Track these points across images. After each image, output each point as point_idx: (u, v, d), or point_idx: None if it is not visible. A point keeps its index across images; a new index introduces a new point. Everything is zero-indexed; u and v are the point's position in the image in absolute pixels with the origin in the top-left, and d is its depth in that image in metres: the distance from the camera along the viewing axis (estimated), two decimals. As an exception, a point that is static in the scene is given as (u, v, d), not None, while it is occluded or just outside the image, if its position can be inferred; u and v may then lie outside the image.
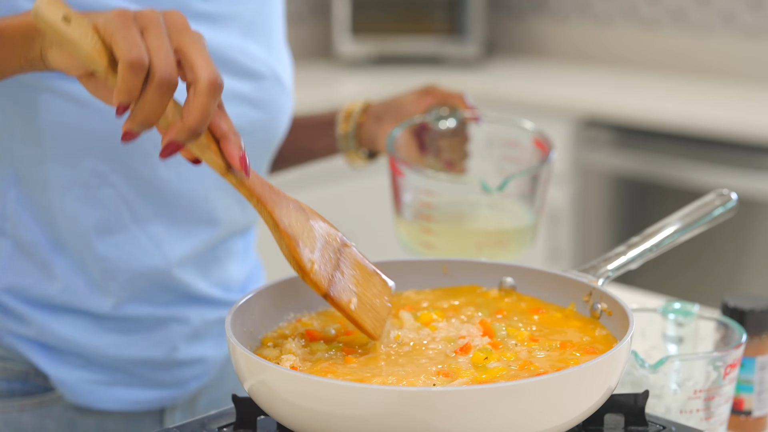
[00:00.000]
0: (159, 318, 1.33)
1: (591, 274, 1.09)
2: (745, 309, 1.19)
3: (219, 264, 1.37)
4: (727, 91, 3.52)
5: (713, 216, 1.17)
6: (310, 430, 0.89)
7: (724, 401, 1.11)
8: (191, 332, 1.36)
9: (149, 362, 1.34)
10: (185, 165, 1.26)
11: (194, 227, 1.31)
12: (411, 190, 1.39)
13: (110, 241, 1.26)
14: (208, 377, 1.41)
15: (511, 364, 0.95)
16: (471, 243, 1.38)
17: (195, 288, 1.33)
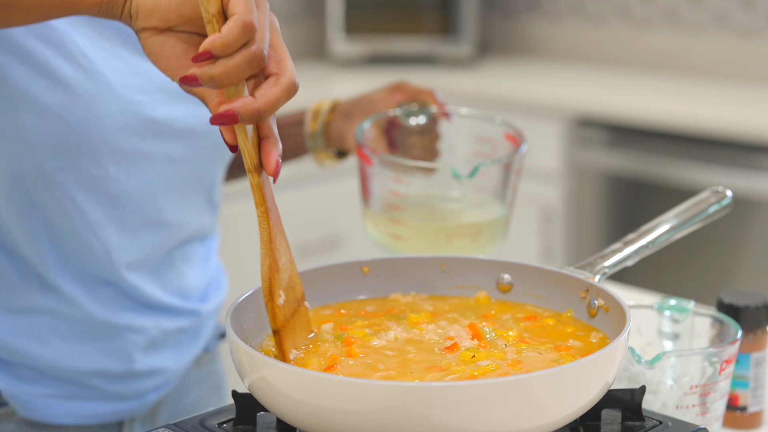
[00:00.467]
0: (113, 326, 1.28)
1: (588, 270, 1.09)
2: (740, 305, 1.20)
3: (175, 270, 1.33)
4: (720, 91, 3.53)
5: (708, 213, 1.18)
6: (311, 425, 0.89)
7: (719, 397, 1.11)
8: (148, 342, 1.31)
9: (104, 374, 1.29)
10: (135, 164, 1.22)
11: (144, 230, 1.26)
12: (380, 180, 1.36)
13: (60, 242, 1.22)
14: (168, 388, 1.37)
15: (499, 362, 0.95)
16: (442, 235, 1.35)
17: (149, 295, 1.29)
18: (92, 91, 1.17)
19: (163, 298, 1.31)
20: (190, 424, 1.01)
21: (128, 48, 1.21)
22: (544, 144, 3.42)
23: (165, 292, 1.32)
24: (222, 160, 1.35)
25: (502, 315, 1.09)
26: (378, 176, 1.36)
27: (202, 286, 1.39)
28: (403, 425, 0.85)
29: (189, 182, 1.30)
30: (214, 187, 1.36)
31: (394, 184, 1.36)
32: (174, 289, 1.33)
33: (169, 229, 1.29)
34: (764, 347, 1.21)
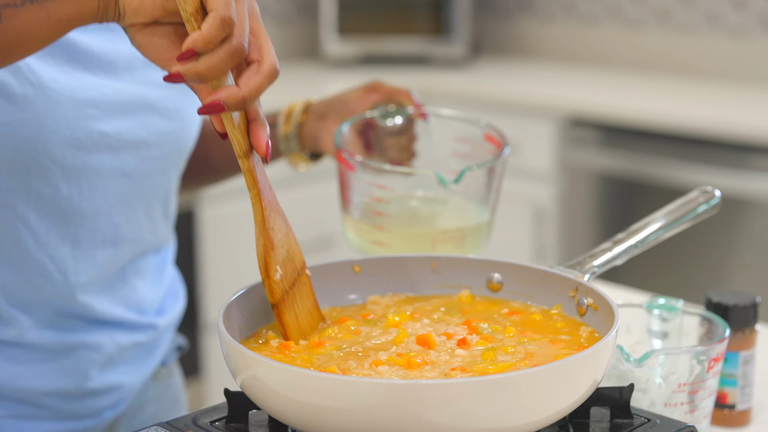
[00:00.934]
0: (68, 345, 1.25)
1: (577, 269, 1.10)
2: (729, 304, 1.20)
3: (128, 285, 1.30)
4: (711, 91, 3.54)
5: (697, 213, 1.19)
6: (302, 423, 0.90)
7: (707, 395, 1.12)
8: (104, 359, 1.28)
9: (60, 393, 1.26)
10: (87, 181, 1.20)
11: (99, 248, 1.24)
12: (361, 186, 1.34)
13: (10, 268, 1.19)
14: (125, 405, 1.34)
15: (513, 356, 0.97)
16: (426, 241, 1.33)
17: (104, 312, 1.26)
18: (40, 107, 1.14)
19: (118, 314, 1.28)
20: (183, 422, 1.02)
21: (74, 65, 1.19)
22: (536, 144, 3.43)
23: (120, 308, 1.29)
24: (175, 170, 1.32)
25: (491, 312, 1.10)
26: (359, 182, 1.33)
27: (158, 298, 1.36)
28: (393, 422, 0.86)
29: (143, 195, 1.27)
30: (169, 199, 1.34)
31: (375, 190, 1.34)
32: (129, 304, 1.30)
33: (124, 244, 1.26)
34: (752, 346, 1.22)
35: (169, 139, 1.27)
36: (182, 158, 1.33)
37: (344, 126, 1.37)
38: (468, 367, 0.95)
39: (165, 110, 1.26)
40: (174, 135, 1.28)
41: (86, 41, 1.19)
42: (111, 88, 1.21)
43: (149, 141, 1.25)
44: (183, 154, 1.32)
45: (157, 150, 1.26)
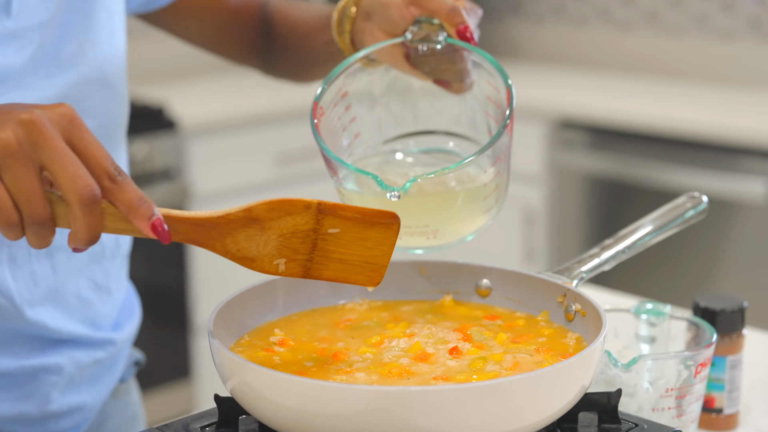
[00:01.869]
0: (27, 370, 1.22)
1: (565, 275, 1.11)
2: (716, 309, 1.21)
3: (80, 299, 1.26)
4: (700, 93, 3.55)
5: (685, 218, 1.20)
6: (292, 428, 0.90)
7: (695, 399, 1.13)
8: (65, 381, 1.26)
9: (22, 418, 1.24)
10: None
11: (35, 263, 1.20)
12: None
13: None
14: (87, 425, 1.32)
15: (500, 365, 0.98)
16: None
17: (58, 329, 1.23)
18: None
19: (74, 330, 1.26)
20: (174, 428, 1.02)
21: None
22: (525, 146, 3.44)
23: (74, 324, 1.26)
24: (120, 133, 1.28)
25: (473, 318, 1.11)
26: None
27: (113, 312, 1.32)
28: (383, 428, 0.87)
29: None
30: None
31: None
32: (84, 320, 1.27)
33: (59, 254, 1.23)
34: (740, 350, 1.22)
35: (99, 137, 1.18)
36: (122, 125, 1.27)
37: (318, 90, 1.17)
38: (451, 377, 0.96)
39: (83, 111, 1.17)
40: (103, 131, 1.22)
41: None
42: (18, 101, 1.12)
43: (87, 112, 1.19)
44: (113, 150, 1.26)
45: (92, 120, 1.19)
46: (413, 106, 1.23)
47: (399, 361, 0.99)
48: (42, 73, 1.17)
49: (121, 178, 0.88)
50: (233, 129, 3.22)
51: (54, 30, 1.17)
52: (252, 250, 0.96)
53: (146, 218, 0.88)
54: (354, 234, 0.98)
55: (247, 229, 0.95)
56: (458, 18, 1.15)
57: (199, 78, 3.72)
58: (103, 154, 0.88)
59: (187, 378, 3.19)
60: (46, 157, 0.86)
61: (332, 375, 0.97)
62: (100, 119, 1.22)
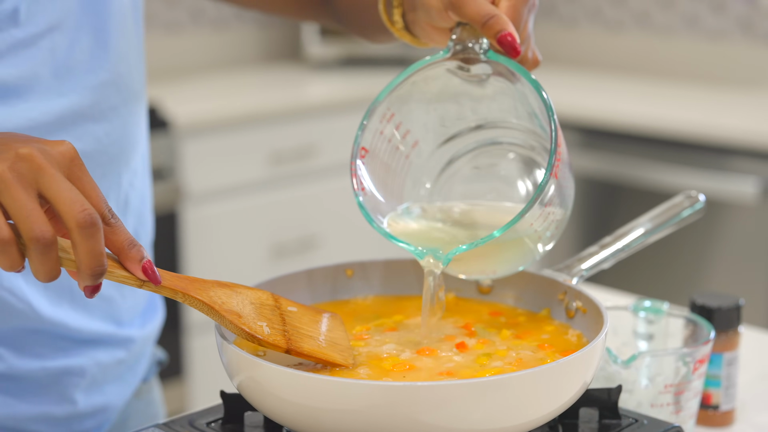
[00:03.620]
0: (50, 372, 1.23)
1: (565, 273, 1.12)
2: (713, 307, 1.22)
3: (100, 298, 1.25)
4: (690, 93, 3.57)
5: (682, 217, 1.21)
6: (298, 424, 0.91)
7: (693, 395, 1.14)
8: (88, 382, 1.26)
9: (48, 419, 1.24)
10: None
11: None
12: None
13: None
14: (110, 425, 1.33)
15: (504, 360, 0.99)
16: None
17: (79, 328, 1.24)
18: None
19: (94, 329, 1.26)
20: (179, 423, 1.03)
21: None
22: (517, 146, 3.45)
23: (95, 322, 1.26)
24: (128, 172, 1.27)
25: (477, 314, 1.13)
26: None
27: (136, 309, 1.33)
28: (388, 423, 0.88)
29: None
30: (128, 203, 1.28)
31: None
32: (105, 317, 1.27)
33: None
34: (736, 347, 1.24)
35: (110, 141, 1.22)
36: (133, 157, 1.27)
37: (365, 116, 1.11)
38: (457, 372, 0.97)
39: (98, 114, 1.20)
40: (114, 137, 1.23)
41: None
42: (35, 111, 1.15)
43: (88, 152, 1.19)
44: (132, 154, 1.27)
45: (102, 157, 1.21)
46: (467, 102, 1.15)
47: (401, 356, 1.00)
48: (55, 80, 1.16)
49: (114, 221, 0.89)
50: (226, 128, 3.23)
51: (64, 34, 1.16)
52: (235, 306, 0.97)
53: (137, 261, 0.90)
54: (308, 316, 1.02)
55: (224, 289, 0.97)
56: (496, 27, 1.03)
57: (192, 77, 3.73)
58: (99, 196, 0.88)
59: (180, 377, 3.20)
60: (45, 183, 0.85)
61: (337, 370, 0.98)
62: (116, 122, 1.22)
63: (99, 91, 1.19)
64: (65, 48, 1.16)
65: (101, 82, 1.20)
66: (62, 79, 1.16)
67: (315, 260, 3.39)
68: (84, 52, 1.18)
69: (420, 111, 1.13)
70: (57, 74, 1.16)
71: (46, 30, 1.14)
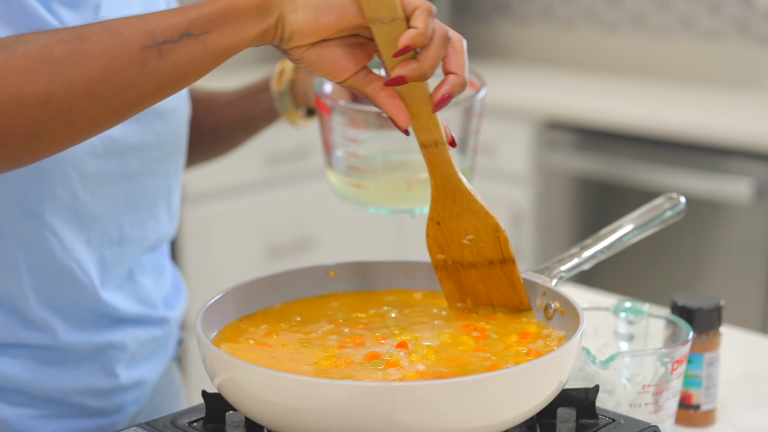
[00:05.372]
0: (96, 345, 1.29)
1: (545, 274, 1.13)
2: (693, 308, 1.24)
3: (137, 281, 1.34)
4: (686, 94, 3.58)
5: (663, 218, 1.22)
6: (277, 423, 0.93)
7: (671, 395, 1.15)
8: (129, 356, 1.33)
9: (91, 391, 1.31)
10: (98, 185, 1.23)
11: (105, 248, 1.27)
12: (339, 131, 1.33)
13: (41, 275, 1.23)
14: (145, 399, 1.39)
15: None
16: (402, 185, 1.34)
17: (123, 309, 1.31)
18: None
19: (135, 311, 1.33)
20: (162, 423, 1.05)
21: None
22: (512, 146, 3.46)
23: (135, 304, 1.33)
24: (175, 169, 1.36)
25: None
26: (337, 126, 1.33)
27: (164, 293, 1.40)
28: (365, 423, 0.89)
29: (146, 196, 1.31)
30: (171, 197, 1.38)
31: (354, 136, 1.34)
32: (141, 300, 1.34)
33: (130, 243, 1.30)
34: (716, 348, 1.25)
35: (167, 139, 1.31)
36: (180, 155, 1.36)
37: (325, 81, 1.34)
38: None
39: (163, 112, 1.29)
40: (171, 135, 1.32)
41: None
42: None
43: (149, 143, 1.28)
44: (181, 151, 1.36)
45: (157, 151, 1.30)
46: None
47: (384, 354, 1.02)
48: None
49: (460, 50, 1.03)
50: (222, 129, 3.24)
51: None
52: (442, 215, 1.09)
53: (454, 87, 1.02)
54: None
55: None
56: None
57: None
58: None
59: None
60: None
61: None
62: (171, 122, 1.31)
63: None
64: None
65: None
66: None
67: (310, 261, 3.40)
68: None
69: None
70: None
71: None
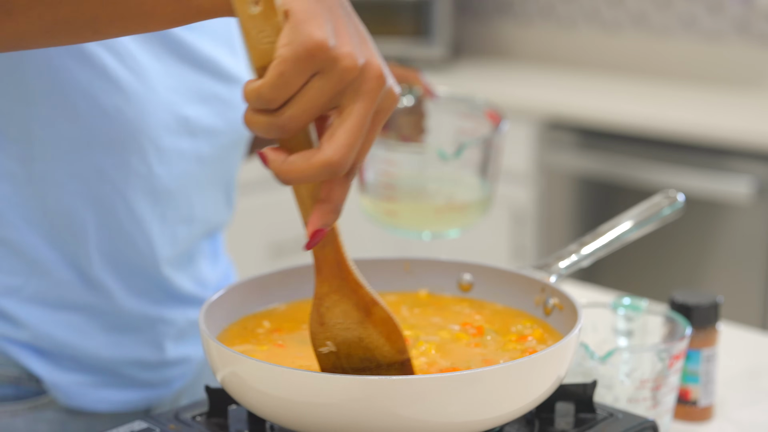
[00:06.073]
0: (148, 318, 1.34)
1: (545, 271, 1.14)
2: (691, 304, 1.25)
3: (196, 263, 1.39)
4: (687, 94, 3.59)
5: (661, 216, 1.23)
6: (279, 417, 0.94)
7: (669, 391, 1.17)
8: (177, 332, 1.37)
9: (139, 362, 1.35)
10: (173, 162, 1.28)
11: (179, 225, 1.32)
12: (374, 163, 1.43)
13: (106, 238, 1.27)
14: (191, 376, 1.42)
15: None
16: (430, 211, 1.46)
17: (179, 287, 1.36)
18: (140, 91, 1.23)
19: (189, 290, 1.37)
20: (165, 417, 1.06)
21: (167, 53, 1.28)
22: (515, 146, 3.47)
23: (190, 283, 1.38)
24: (240, 158, 1.42)
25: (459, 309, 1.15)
26: (372, 159, 1.42)
27: (218, 277, 1.45)
28: (366, 416, 0.90)
29: (213, 179, 1.37)
30: (231, 185, 1.43)
31: (386, 166, 1.43)
32: (197, 281, 1.40)
33: (197, 224, 1.36)
34: (714, 344, 1.26)
35: (236, 127, 1.35)
36: (243, 148, 1.41)
37: None
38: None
39: (231, 101, 1.34)
40: (240, 124, 1.34)
41: (177, 31, 1.29)
42: (189, 77, 1.30)
43: (220, 128, 1.33)
44: (243, 145, 1.41)
45: (226, 137, 1.34)
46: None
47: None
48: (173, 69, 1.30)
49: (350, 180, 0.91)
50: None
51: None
52: (331, 318, 0.98)
53: (321, 223, 0.94)
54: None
55: (348, 305, 0.98)
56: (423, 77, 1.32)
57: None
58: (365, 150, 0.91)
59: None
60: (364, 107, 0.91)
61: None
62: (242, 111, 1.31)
63: (232, 85, 1.36)
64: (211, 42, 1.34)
65: (234, 76, 1.36)
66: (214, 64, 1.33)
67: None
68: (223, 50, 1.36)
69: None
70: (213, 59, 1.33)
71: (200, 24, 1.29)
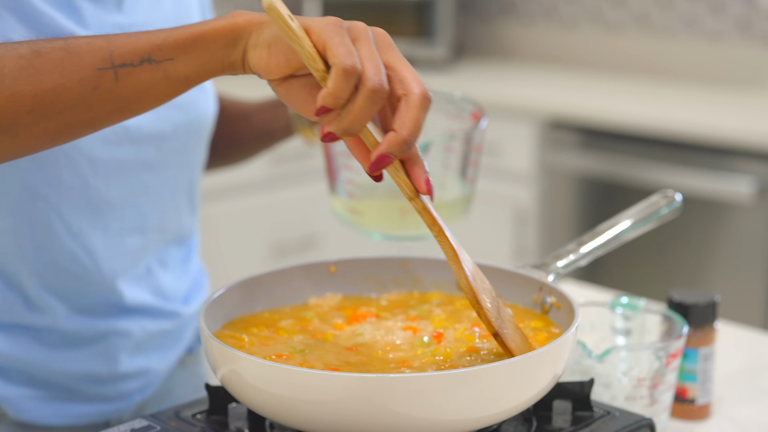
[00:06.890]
0: (99, 331, 1.30)
1: (543, 270, 1.15)
2: (689, 303, 1.26)
3: (154, 274, 1.35)
4: (689, 94, 3.59)
5: (659, 215, 1.24)
6: (278, 415, 0.95)
7: (666, 389, 1.17)
8: (134, 345, 1.33)
9: (91, 377, 1.32)
10: (113, 172, 1.25)
11: (127, 235, 1.29)
12: (341, 160, 1.37)
13: (47, 257, 1.24)
14: (153, 389, 1.39)
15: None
16: (394, 211, 1.37)
17: (133, 299, 1.31)
18: None
19: (147, 301, 1.33)
20: (166, 415, 1.07)
21: None
22: (517, 145, 3.48)
23: (147, 295, 1.34)
24: (197, 160, 1.37)
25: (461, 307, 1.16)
26: (340, 155, 1.36)
27: (183, 288, 1.41)
28: (364, 414, 0.91)
29: (167, 185, 1.32)
30: (193, 189, 1.39)
31: (354, 164, 1.35)
32: (155, 292, 1.35)
33: (151, 232, 1.31)
34: (712, 343, 1.27)
35: (186, 130, 1.32)
36: (201, 148, 1.37)
37: None
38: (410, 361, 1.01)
39: (180, 103, 1.29)
40: (190, 126, 1.32)
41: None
42: None
43: (166, 133, 1.29)
44: (201, 144, 1.37)
45: (175, 141, 1.31)
46: None
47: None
48: None
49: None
50: (228, 129, 3.26)
51: (159, 26, 1.23)
52: (471, 268, 1.00)
53: (424, 171, 0.95)
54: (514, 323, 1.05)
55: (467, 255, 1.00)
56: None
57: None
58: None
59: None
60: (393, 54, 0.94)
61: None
62: (191, 113, 1.32)
63: None
64: None
65: None
66: None
67: (315, 259, 3.41)
68: None
69: None
70: None
71: (143, 24, 1.24)
